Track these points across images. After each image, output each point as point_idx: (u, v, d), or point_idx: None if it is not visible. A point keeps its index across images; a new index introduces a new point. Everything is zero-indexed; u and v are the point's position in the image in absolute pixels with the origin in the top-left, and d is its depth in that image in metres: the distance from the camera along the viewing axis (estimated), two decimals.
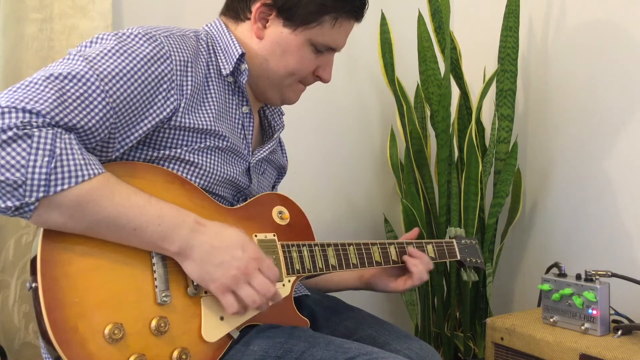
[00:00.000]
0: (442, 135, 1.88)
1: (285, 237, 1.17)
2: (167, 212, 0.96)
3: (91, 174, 0.90)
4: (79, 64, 0.95)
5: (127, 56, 0.99)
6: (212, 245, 0.98)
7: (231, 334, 1.03)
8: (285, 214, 1.19)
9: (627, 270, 1.67)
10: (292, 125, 1.98)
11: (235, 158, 1.16)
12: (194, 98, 1.08)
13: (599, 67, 1.84)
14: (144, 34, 1.03)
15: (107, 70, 0.96)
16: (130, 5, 1.62)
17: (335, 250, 1.21)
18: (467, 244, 1.49)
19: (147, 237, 0.95)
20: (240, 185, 1.17)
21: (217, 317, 1.02)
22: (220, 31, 1.18)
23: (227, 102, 1.16)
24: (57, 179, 0.87)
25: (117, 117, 0.97)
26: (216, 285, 0.98)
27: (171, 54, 1.04)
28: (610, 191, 1.83)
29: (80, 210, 0.90)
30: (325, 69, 1.22)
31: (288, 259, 1.14)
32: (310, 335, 1.06)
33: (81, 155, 0.90)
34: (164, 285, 0.97)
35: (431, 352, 1.21)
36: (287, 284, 1.13)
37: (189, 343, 0.98)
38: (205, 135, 1.09)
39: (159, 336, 0.95)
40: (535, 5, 2.01)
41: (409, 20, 2.01)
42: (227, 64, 1.15)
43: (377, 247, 1.29)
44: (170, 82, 1.03)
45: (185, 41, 1.09)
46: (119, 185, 0.94)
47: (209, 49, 1.15)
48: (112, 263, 0.94)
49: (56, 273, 0.90)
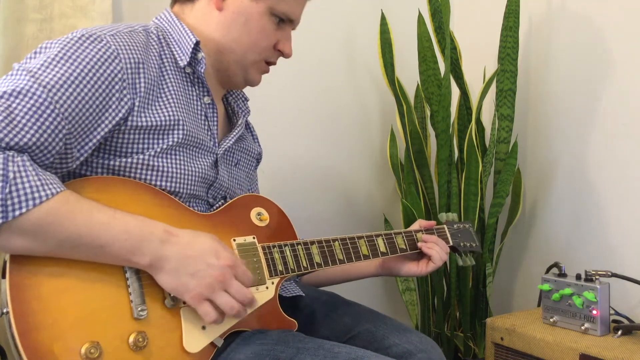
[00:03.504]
0: (442, 135, 1.88)
1: (265, 238, 1.14)
2: (134, 225, 0.94)
3: (49, 194, 0.88)
4: (23, 78, 0.92)
5: (72, 61, 0.96)
6: (185, 254, 0.96)
7: (215, 342, 1.01)
8: (264, 215, 1.17)
9: (627, 270, 1.67)
10: (292, 125, 1.98)
11: (200, 152, 1.13)
12: (149, 95, 1.05)
13: (599, 67, 1.84)
14: (87, 36, 1.00)
15: (53, 80, 0.93)
16: (130, 5, 1.62)
17: (319, 247, 1.19)
18: (459, 228, 1.46)
19: (115, 253, 0.93)
20: (208, 180, 1.14)
21: (198, 326, 1.00)
22: (171, 22, 1.16)
23: (187, 94, 1.13)
24: (13, 204, 0.85)
25: (72, 125, 0.94)
26: (192, 295, 0.96)
27: (119, 53, 1.01)
28: (610, 191, 1.83)
29: (43, 232, 0.88)
30: (285, 42, 1.21)
31: (270, 260, 1.12)
32: (300, 340, 1.04)
33: (36, 176, 0.88)
34: (139, 300, 0.95)
35: (430, 344, 1.21)
36: (270, 286, 1.11)
37: (171, 356, 0.96)
38: (165, 133, 1.06)
39: (137, 352, 0.93)
40: (535, 5, 2.01)
41: (409, 20, 2.01)
42: (182, 55, 1.12)
43: (363, 240, 1.26)
44: (121, 82, 1.01)
45: (134, 37, 1.06)
46: (79, 203, 0.91)
47: (161, 42, 1.12)
48: (84, 281, 0.92)
49: (27, 296, 0.87)
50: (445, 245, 1.37)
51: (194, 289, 0.95)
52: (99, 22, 1.49)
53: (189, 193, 1.10)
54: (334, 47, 2.07)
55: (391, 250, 1.30)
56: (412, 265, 1.36)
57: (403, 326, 1.24)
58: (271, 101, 1.92)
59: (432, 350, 1.19)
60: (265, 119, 1.80)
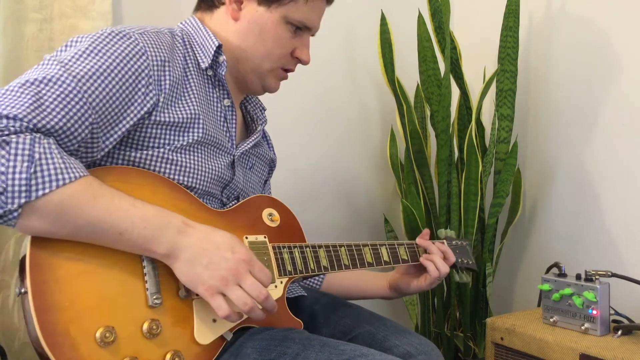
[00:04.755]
0: (442, 135, 1.88)
1: (276, 238, 1.16)
2: (153, 214, 0.96)
3: (72, 177, 0.89)
4: (54, 67, 0.96)
5: (102, 55, 1.00)
6: (201, 246, 0.97)
7: (224, 336, 1.02)
8: (275, 215, 1.19)
9: (627, 270, 1.67)
10: (292, 125, 1.98)
11: (219, 152, 1.15)
12: (173, 92, 1.08)
13: (599, 67, 1.84)
14: (117, 32, 1.04)
15: (83, 71, 0.96)
16: (130, 5, 1.62)
17: (326, 251, 1.21)
18: (457, 245, 1.49)
19: (133, 241, 0.94)
20: (224, 180, 1.17)
21: (209, 319, 1.01)
22: (195, 27, 1.19)
23: (208, 95, 1.16)
24: (37, 184, 0.87)
25: (98, 116, 0.97)
26: (205, 287, 0.96)
27: (146, 50, 1.04)
28: (610, 191, 1.83)
29: (63, 214, 0.89)
30: (302, 50, 1.22)
31: (280, 260, 1.13)
32: (305, 337, 1.05)
33: (61, 159, 0.89)
34: (155, 288, 0.97)
35: (430, 347, 1.21)
36: (279, 285, 1.12)
37: (182, 346, 0.97)
38: (186, 130, 1.09)
39: (151, 339, 0.94)
40: (535, 5, 2.01)
41: (409, 20, 2.01)
42: (205, 57, 1.15)
43: (368, 248, 1.29)
44: (147, 77, 1.04)
45: (160, 37, 1.09)
46: (101, 188, 0.93)
47: (186, 44, 1.15)
48: (102, 267, 0.94)
49: (45, 277, 0.89)
50: (451, 257, 1.39)
51: (207, 281, 0.96)
52: (99, 22, 1.49)
53: (204, 190, 1.12)
54: (334, 47, 2.07)
55: (394, 260, 1.33)
56: (415, 281, 1.38)
57: (403, 328, 1.25)
58: (271, 101, 1.92)
59: (432, 353, 1.20)
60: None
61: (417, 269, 1.37)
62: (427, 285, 1.35)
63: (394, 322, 1.27)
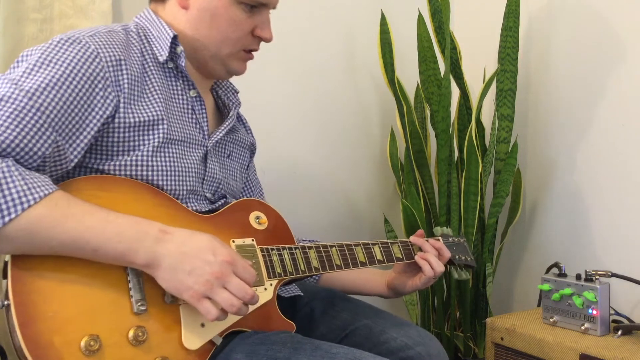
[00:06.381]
0: (442, 135, 1.88)
1: (264, 241, 1.15)
2: (127, 227, 0.93)
3: (37, 197, 0.87)
4: (5, 87, 0.93)
5: (53, 65, 0.97)
6: (181, 252, 0.95)
7: (214, 340, 1.01)
8: (262, 218, 1.18)
9: (627, 270, 1.67)
10: (292, 125, 1.98)
11: (190, 147, 1.13)
12: (133, 91, 1.05)
13: (599, 67, 1.84)
14: (66, 39, 1.01)
15: (35, 85, 0.94)
16: (130, 5, 1.62)
17: (317, 252, 1.19)
18: (454, 242, 1.47)
19: (110, 255, 0.93)
20: (201, 174, 1.15)
21: (197, 324, 1.00)
22: (150, 19, 1.16)
23: (172, 89, 1.13)
24: (1, 210, 0.85)
25: (59, 127, 0.95)
26: (190, 293, 0.94)
27: (99, 52, 1.02)
28: (610, 191, 1.83)
29: (33, 238, 0.87)
30: (263, 27, 1.16)
31: (268, 262, 1.12)
32: (297, 341, 1.03)
33: (22, 180, 0.87)
34: (139, 295, 0.95)
35: (428, 337, 1.21)
36: (269, 287, 1.11)
37: (170, 352, 0.96)
38: (153, 129, 1.06)
39: (137, 346, 0.93)
40: (535, 5, 2.01)
41: (409, 20, 2.01)
42: (162, 50, 1.12)
43: (360, 247, 1.27)
44: (104, 80, 1.01)
45: (113, 37, 1.06)
46: (70, 206, 0.91)
47: (142, 39, 1.13)
48: (85, 275, 0.93)
49: (28, 289, 0.88)
50: (446, 254, 1.36)
51: (192, 287, 0.94)
52: (99, 22, 1.49)
53: (187, 189, 1.11)
54: (334, 47, 2.07)
55: (387, 258, 1.31)
56: (410, 281, 1.36)
57: (401, 320, 1.25)
58: (271, 101, 1.93)
59: (430, 343, 1.20)
60: (265, 119, 1.80)
61: (413, 268, 1.36)
62: (422, 285, 1.34)
63: (392, 315, 1.27)
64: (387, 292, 1.41)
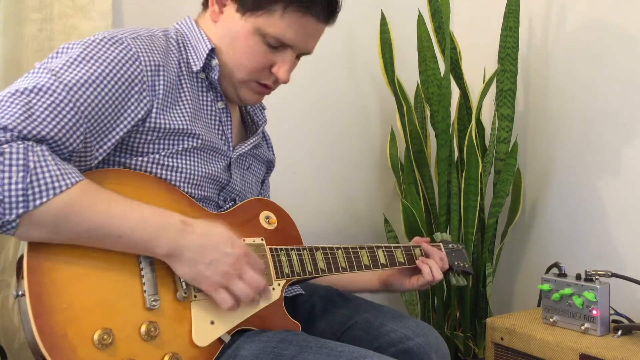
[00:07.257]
0: (442, 135, 1.88)
1: (273, 241, 1.16)
2: (151, 215, 0.96)
3: (68, 183, 0.89)
4: (44, 76, 0.94)
5: (93, 62, 0.98)
6: (201, 244, 0.98)
7: (222, 338, 1.03)
8: (272, 218, 1.19)
9: (627, 270, 1.67)
10: (292, 125, 1.98)
11: (214, 155, 1.15)
12: (168, 98, 1.07)
13: (599, 67, 1.84)
14: (109, 38, 1.02)
15: (74, 80, 0.95)
16: (130, 5, 1.62)
17: (324, 254, 1.21)
18: (454, 248, 1.49)
19: (133, 243, 0.94)
20: (221, 182, 1.17)
21: (207, 321, 1.01)
22: (190, 28, 1.17)
23: (201, 99, 1.15)
24: (34, 193, 0.86)
25: (91, 124, 0.96)
26: (209, 283, 0.98)
27: (139, 56, 1.03)
28: (610, 191, 1.83)
29: (62, 222, 0.89)
30: (281, 66, 1.13)
31: (277, 262, 1.13)
32: (303, 339, 1.05)
33: (56, 166, 0.89)
34: (152, 290, 0.97)
35: (427, 328, 1.22)
36: (276, 287, 1.12)
37: (180, 348, 0.97)
38: (181, 137, 1.08)
39: (149, 341, 0.94)
40: (535, 5, 2.01)
41: (409, 20, 2.01)
42: (197, 60, 1.13)
43: (365, 250, 1.29)
44: (141, 83, 1.02)
45: (154, 42, 1.07)
46: (98, 193, 0.93)
47: (180, 47, 1.13)
48: (99, 269, 0.94)
49: (43, 280, 0.89)
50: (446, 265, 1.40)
51: (211, 277, 0.98)
52: (99, 22, 1.49)
53: (202, 195, 1.12)
54: (334, 47, 2.06)
55: (390, 262, 1.33)
56: (408, 281, 1.39)
57: (400, 314, 1.26)
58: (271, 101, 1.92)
59: (429, 334, 1.21)
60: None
61: (411, 269, 1.38)
62: (418, 286, 1.37)
63: (391, 309, 1.28)
64: (378, 286, 1.43)
